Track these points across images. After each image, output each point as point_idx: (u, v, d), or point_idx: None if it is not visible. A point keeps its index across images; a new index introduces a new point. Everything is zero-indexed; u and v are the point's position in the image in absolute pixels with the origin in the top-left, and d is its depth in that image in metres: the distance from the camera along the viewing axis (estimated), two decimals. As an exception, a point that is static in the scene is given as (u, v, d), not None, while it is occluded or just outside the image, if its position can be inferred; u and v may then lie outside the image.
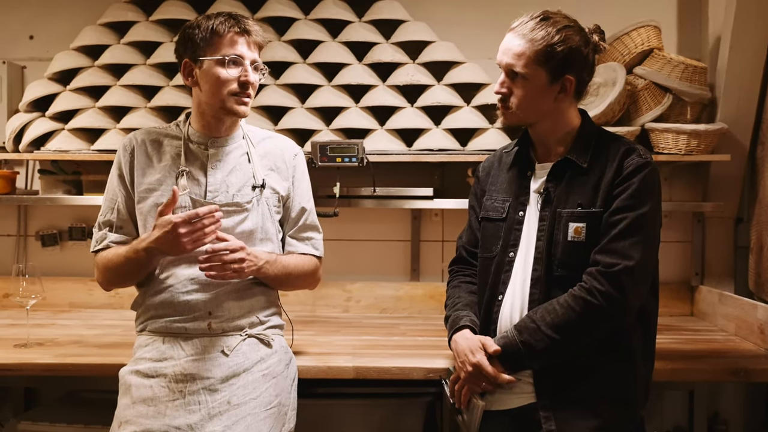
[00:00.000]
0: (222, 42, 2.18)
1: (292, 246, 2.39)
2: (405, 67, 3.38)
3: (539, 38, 2.03)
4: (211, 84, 2.21)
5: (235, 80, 2.20)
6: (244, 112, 2.25)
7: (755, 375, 2.53)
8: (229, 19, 2.20)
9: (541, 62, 2.04)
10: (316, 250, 2.42)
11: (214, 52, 2.19)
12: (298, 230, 2.40)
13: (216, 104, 2.23)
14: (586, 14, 2.16)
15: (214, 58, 2.18)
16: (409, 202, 3.33)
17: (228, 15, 2.22)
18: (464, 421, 2.16)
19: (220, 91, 2.20)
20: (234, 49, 2.19)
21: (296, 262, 2.35)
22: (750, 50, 3.25)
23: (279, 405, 2.23)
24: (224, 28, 2.18)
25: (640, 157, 2.06)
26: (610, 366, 2.06)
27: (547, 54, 2.03)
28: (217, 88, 2.20)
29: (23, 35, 3.76)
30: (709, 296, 3.38)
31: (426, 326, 3.24)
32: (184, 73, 2.26)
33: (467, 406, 2.14)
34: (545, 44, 2.02)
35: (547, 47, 2.02)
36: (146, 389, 2.14)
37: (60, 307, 3.58)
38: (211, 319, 2.21)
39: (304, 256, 2.38)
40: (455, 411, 2.21)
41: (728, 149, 3.31)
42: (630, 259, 1.98)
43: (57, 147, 3.34)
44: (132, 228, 2.30)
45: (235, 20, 2.20)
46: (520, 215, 2.18)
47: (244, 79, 2.20)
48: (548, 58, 2.03)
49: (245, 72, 2.21)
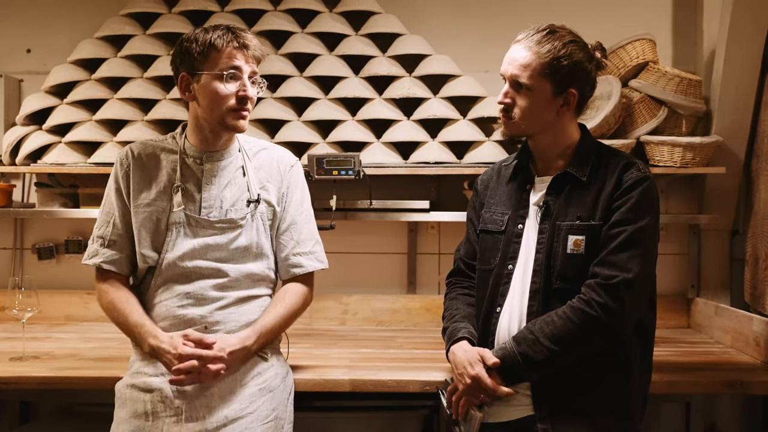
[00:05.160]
0: (220, 56, 2.15)
1: (301, 267, 2.33)
2: (401, 81, 3.39)
3: (545, 51, 2.05)
4: (209, 99, 2.18)
5: (234, 95, 2.17)
6: (243, 127, 2.23)
7: (751, 387, 2.53)
8: (227, 32, 2.17)
9: (546, 74, 2.06)
10: (321, 263, 2.38)
11: (212, 67, 2.16)
12: (296, 246, 2.34)
13: (214, 120, 2.21)
14: (581, 28, 2.17)
15: (212, 72, 2.16)
16: (406, 215, 3.33)
17: (226, 28, 2.18)
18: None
19: (219, 107, 2.18)
20: (232, 63, 2.16)
21: (285, 310, 2.28)
22: (744, 63, 3.27)
23: (276, 419, 2.22)
24: (222, 42, 2.15)
25: (639, 171, 2.07)
26: (609, 378, 2.07)
27: (553, 67, 2.05)
28: (216, 104, 2.18)
29: (21, 48, 3.77)
30: (705, 308, 3.38)
31: (423, 339, 3.24)
32: (181, 88, 2.23)
33: (465, 418, 2.14)
34: (551, 57, 2.04)
35: (553, 60, 2.04)
36: (143, 404, 2.14)
37: (56, 320, 3.57)
38: (207, 334, 2.20)
39: (289, 290, 2.33)
40: (452, 422, 2.20)
41: (723, 162, 3.33)
42: (629, 271, 1.99)
43: (54, 160, 3.34)
44: (126, 242, 2.28)
45: (233, 34, 2.17)
46: (519, 228, 2.18)
47: (243, 94, 2.18)
48: (554, 71, 2.05)
49: (244, 86, 2.18)
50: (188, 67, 2.20)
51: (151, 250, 2.24)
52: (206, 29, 2.19)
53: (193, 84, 2.21)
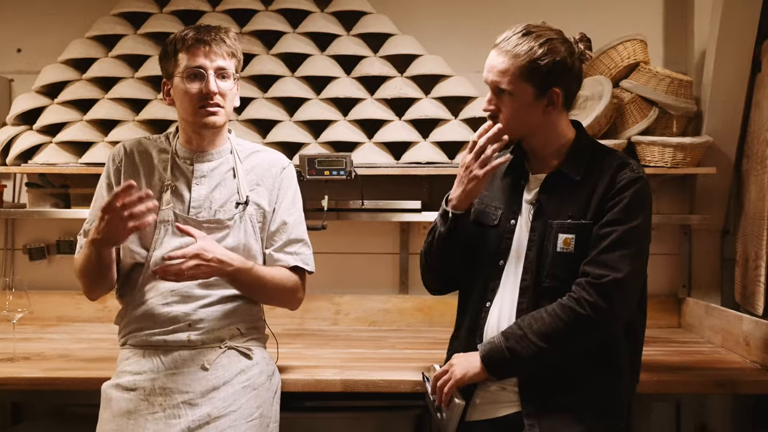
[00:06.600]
0: (184, 57, 2.19)
1: (279, 261, 2.32)
2: (393, 81, 3.39)
3: (522, 53, 2.03)
4: (180, 100, 2.23)
5: (198, 92, 2.20)
6: (214, 123, 2.24)
7: (740, 387, 2.54)
8: (191, 31, 2.21)
9: (525, 78, 2.04)
10: (306, 265, 2.36)
11: (177, 68, 2.21)
12: (283, 245, 2.33)
13: (189, 118, 2.24)
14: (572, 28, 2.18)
15: (179, 74, 2.20)
16: (398, 215, 3.34)
17: (192, 28, 2.23)
18: (442, 419, 2.15)
19: (189, 106, 2.21)
20: (194, 62, 2.19)
21: (274, 274, 2.28)
22: (735, 64, 3.28)
23: (261, 417, 2.21)
24: (183, 44, 2.19)
25: (633, 172, 2.07)
26: (597, 377, 2.07)
27: (532, 69, 2.03)
28: (185, 103, 2.22)
29: (11, 48, 3.76)
30: (695, 308, 3.39)
31: (415, 339, 3.24)
32: (164, 93, 2.29)
33: (448, 405, 2.14)
34: (528, 59, 2.02)
35: (530, 62, 2.02)
36: (126, 402, 2.14)
37: (47, 321, 3.55)
38: (191, 332, 2.20)
39: (285, 270, 2.32)
40: (435, 409, 2.20)
41: (714, 162, 3.34)
42: (619, 271, 1.99)
43: (45, 160, 3.34)
44: None
45: (196, 31, 2.21)
46: (512, 224, 2.18)
47: (206, 90, 2.19)
48: (533, 73, 2.03)
49: (207, 82, 2.19)
50: (165, 71, 2.27)
51: (139, 247, 2.25)
52: (176, 34, 2.25)
53: (170, 87, 2.26)
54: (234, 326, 2.27)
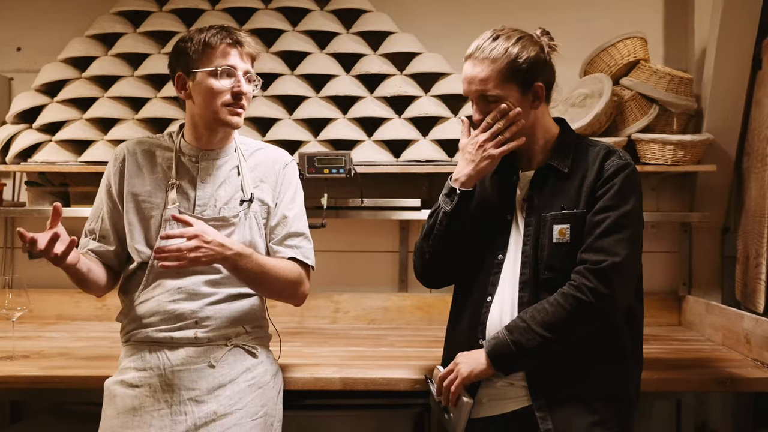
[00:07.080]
0: (214, 54, 2.18)
1: (278, 253, 2.31)
2: (392, 79, 3.39)
3: (500, 56, 2.06)
4: (204, 96, 2.20)
5: (228, 91, 2.19)
6: (237, 123, 2.24)
7: (741, 384, 2.54)
8: (222, 30, 2.20)
9: (509, 78, 2.07)
10: (306, 258, 2.35)
11: (207, 64, 2.18)
12: (282, 238, 2.32)
13: (209, 116, 2.22)
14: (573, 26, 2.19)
15: (206, 69, 2.18)
16: (397, 213, 3.33)
17: (221, 27, 2.22)
18: (450, 419, 2.15)
19: (214, 102, 2.19)
20: (226, 60, 2.19)
21: (275, 264, 2.26)
22: (735, 61, 3.28)
23: (265, 415, 2.22)
24: (216, 40, 2.18)
25: (620, 159, 2.10)
26: (603, 364, 2.08)
27: (513, 69, 2.06)
28: (210, 100, 2.19)
29: (11, 47, 3.76)
30: (696, 306, 3.39)
31: (414, 337, 3.24)
32: (178, 86, 2.25)
33: (455, 404, 2.14)
34: (507, 60, 2.06)
35: (509, 63, 2.06)
36: (131, 399, 2.14)
37: (47, 319, 3.55)
38: (198, 329, 2.20)
39: (288, 262, 2.31)
40: (442, 410, 2.19)
41: (714, 160, 3.34)
42: (616, 255, 2.01)
43: (44, 159, 3.33)
44: (114, 238, 2.29)
45: (227, 32, 2.21)
46: (507, 219, 2.20)
47: (237, 90, 2.20)
48: (515, 73, 2.07)
49: (238, 82, 2.20)
50: (184, 66, 2.22)
51: (144, 246, 2.25)
52: (201, 29, 2.23)
53: (188, 82, 2.23)
54: (240, 324, 2.27)
